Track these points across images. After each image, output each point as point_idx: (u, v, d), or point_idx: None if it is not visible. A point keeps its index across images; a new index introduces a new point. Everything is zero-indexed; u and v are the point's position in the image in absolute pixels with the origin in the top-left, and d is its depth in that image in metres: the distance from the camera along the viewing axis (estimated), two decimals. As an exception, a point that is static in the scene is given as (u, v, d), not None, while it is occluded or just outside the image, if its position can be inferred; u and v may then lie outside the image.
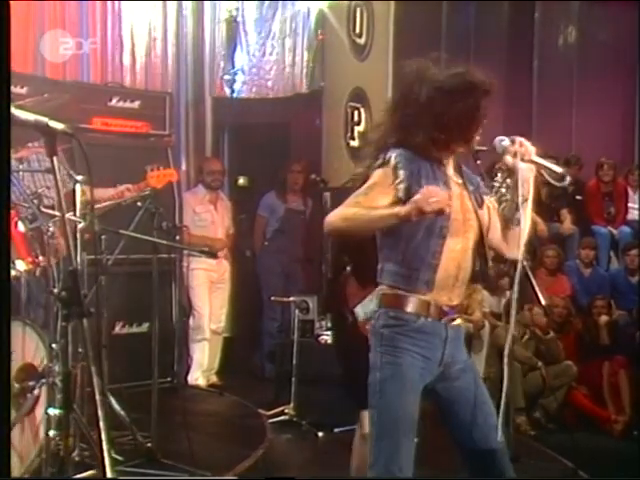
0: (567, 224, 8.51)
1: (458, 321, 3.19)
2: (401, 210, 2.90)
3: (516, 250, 3.18)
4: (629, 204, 8.82)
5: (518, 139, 3.10)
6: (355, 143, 8.77)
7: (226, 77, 8.75)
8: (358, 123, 8.79)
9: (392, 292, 3.12)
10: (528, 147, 3.10)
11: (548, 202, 8.41)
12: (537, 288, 5.08)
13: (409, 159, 3.06)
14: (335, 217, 3.02)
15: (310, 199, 7.96)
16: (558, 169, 3.12)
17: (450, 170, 3.18)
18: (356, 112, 8.78)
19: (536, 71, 9.85)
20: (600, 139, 9.65)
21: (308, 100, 8.97)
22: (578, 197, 8.79)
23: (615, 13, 9.83)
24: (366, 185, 3.07)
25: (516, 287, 3.10)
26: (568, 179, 3.08)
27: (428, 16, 9.41)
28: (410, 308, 3.09)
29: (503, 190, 3.28)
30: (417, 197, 2.85)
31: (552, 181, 3.09)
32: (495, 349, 6.97)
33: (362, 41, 8.84)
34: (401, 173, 3.03)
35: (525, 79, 9.74)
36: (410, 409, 3.07)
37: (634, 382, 6.74)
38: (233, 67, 8.74)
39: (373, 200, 3.02)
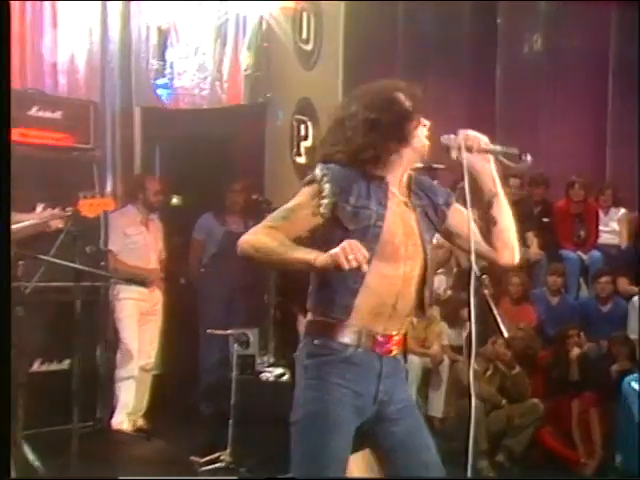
0: (533, 249, 8.57)
1: (395, 352, 3.16)
2: (317, 260, 2.90)
3: (507, 252, 3.22)
4: (600, 227, 8.96)
5: (462, 131, 3.14)
6: (302, 160, 8.82)
7: (157, 85, 8.75)
8: (305, 138, 8.83)
9: (318, 319, 3.11)
10: (475, 137, 3.13)
11: (513, 224, 8.49)
12: (499, 319, 5.14)
13: (339, 174, 3.08)
14: (248, 244, 3.02)
15: (252, 221, 7.77)
16: (514, 150, 3.13)
17: (395, 188, 3.18)
18: (303, 126, 8.83)
19: (499, 81, 9.88)
20: (569, 156, 9.70)
21: (249, 112, 9.00)
22: (545, 219, 8.91)
23: (586, 18, 9.93)
24: (289, 205, 3.10)
25: (472, 300, 3.11)
26: (529, 158, 3.09)
27: (382, 21, 9.40)
28: (338, 336, 3.06)
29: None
30: (336, 251, 2.85)
31: (511, 164, 3.10)
32: (455, 386, 7.06)
33: (309, 47, 8.88)
34: (326, 187, 3.05)
35: (487, 90, 9.78)
36: (338, 452, 3.03)
37: (606, 421, 6.83)
38: (164, 75, 8.75)
39: (294, 225, 3.06)
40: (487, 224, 3.20)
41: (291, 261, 2.96)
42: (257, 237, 3.02)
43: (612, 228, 9.00)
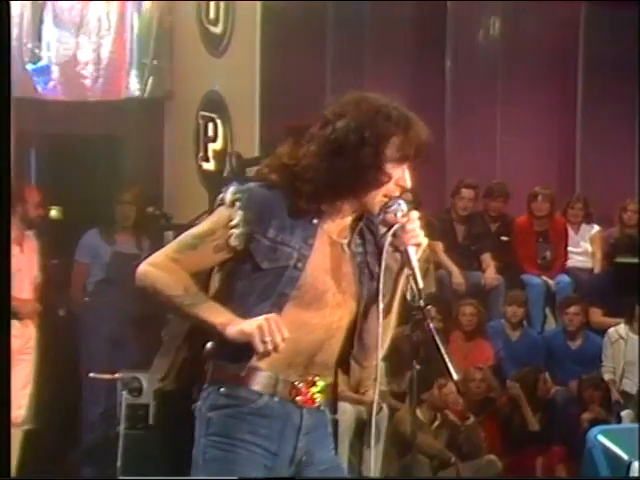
0: (490, 273, 8.59)
1: (318, 402, 3.11)
2: (227, 330, 2.93)
3: (364, 360, 3.17)
4: (569, 247, 8.98)
5: (412, 215, 3.03)
6: (210, 165, 8.78)
7: (32, 71, 8.62)
8: (213, 139, 8.79)
9: (222, 363, 3.06)
10: (410, 232, 3.02)
11: (466, 244, 8.47)
12: (447, 358, 4.99)
13: (260, 198, 3.03)
14: (147, 278, 3.02)
15: (147, 240, 7.95)
16: (420, 285, 3.04)
17: (330, 226, 3.10)
18: (211, 124, 8.78)
19: (449, 75, 9.92)
20: (532, 163, 9.85)
21: (145, 107, 8.97)
22: (504, 238, 8.93)
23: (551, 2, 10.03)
24: (200, 229, 3.08)
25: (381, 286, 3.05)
26: (429, 308, 3.06)
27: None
28: (248, 383, 3.02)
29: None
30: (251, 329, 2.90)
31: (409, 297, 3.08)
32: (396, 440, 7.03)
33: (218, 30, 8.82)
34: (239, 215, 3.00)
35: (435, 85, 9.84)
36: None
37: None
38: (41, 58, 8.64)
39: (202, 258, 3.05)
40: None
41: (195, 318, 3.00)
42: (159, 273, 3.01)
43: (583, 248, 9.08)
